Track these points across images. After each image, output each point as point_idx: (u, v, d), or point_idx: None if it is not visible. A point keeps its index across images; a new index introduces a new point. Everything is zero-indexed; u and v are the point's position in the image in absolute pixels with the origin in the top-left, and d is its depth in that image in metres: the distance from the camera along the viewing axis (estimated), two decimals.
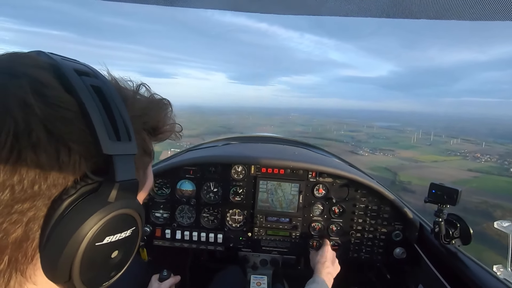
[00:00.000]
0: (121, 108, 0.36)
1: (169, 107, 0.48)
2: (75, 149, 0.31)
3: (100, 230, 0.34)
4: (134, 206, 0.38)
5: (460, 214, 1.17)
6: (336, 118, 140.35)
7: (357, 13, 0.61)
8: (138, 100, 0.43)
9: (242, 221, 1.58)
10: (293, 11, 0.66)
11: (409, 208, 1.51)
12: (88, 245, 0.33)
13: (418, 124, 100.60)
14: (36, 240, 0.32)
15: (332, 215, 1.55)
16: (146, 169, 0.46)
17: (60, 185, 0.31)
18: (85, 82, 0.34)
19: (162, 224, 1.56)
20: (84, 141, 0.32)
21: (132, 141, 0.36)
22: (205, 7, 0.65)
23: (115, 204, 0.35)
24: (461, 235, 1.21)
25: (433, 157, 48.24)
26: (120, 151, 0.34)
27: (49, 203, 0.31)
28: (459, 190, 1.15)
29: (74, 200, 0.32)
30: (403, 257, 1.50)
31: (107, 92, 0.36)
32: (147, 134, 0.43)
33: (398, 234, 1.51)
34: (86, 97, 0.33)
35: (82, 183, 0.32)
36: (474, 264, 1.14)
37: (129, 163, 0.35)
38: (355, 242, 1.55)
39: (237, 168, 1.55)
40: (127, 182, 0.35)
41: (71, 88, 0.32)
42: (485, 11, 0.51)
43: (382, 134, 70.96)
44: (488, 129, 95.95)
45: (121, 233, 0.37)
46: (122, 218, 0.37)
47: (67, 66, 0.34)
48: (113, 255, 0.37)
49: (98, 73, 0.39)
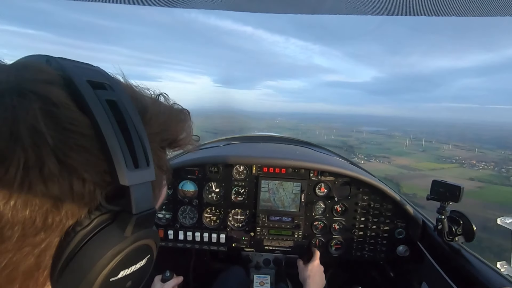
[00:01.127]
0: (139, 128, 0.33)
1: (189, 118, 0.45)
2: (89, 179, 0.29)
3: (115, 265, 0.32)
4: (150, 236, 0.36)
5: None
6: (324, 123, 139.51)
7: (357, 11, 0.61)
8: (158, 113, 0.39)
9: (244, 221, 1.58)
10: (292, 10, 0.66)
11: (411, 205, 1.51)
12: (103, 281, 0.31)
13: (404, 129, 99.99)
14: (47, 269, 0.31)
15: (335, 214, 1.55)
16: (161, 187, 0.44)
17: (74, 216, 0.30)
18: (100, 98, 0.31)
19: (165, 225, 1.56)
20: (99, 170, 0.30)
21: (151, 167, 0.33)
22: (205, 8, 0.65)
23: (132, 238, 0.33)
24: (464, 232, 1.20)
25: (430, 164, 47.65)
26: (138, 180, 0.31)
27: (62, 235, 0.30)
28: (461, 187, 1.15)
29: (88, 232, 0.30)
30: (406, 255, 1.50)
31: (124, 108, 0.33)
32: (164, 151, 0.41)
33: (401, 232, 1.51)
34: (101, 118, 0.30)
35: (96, 213, 0.31)
36: (478, 261, 1.14)
37: (147, 191, 0.33)
38: (358, 240, 1.54)
39: (239, 168, 1.55)
40: (144, 213, 0.32)
41: (85, 105, 0.30)
42: (485, 7, 0.51)
43: (373, 139, 70.21)
44: (474, 134, 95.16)
45: (136, 264, 0.36)
46: (138, 250, 0.35)
47: (81, 78, 0.31)
48: (126, 286, 0.36)
49: (114, 82, 0.36)
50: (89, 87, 0.31)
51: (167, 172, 0.43)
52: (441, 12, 0.57)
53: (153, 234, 0.37)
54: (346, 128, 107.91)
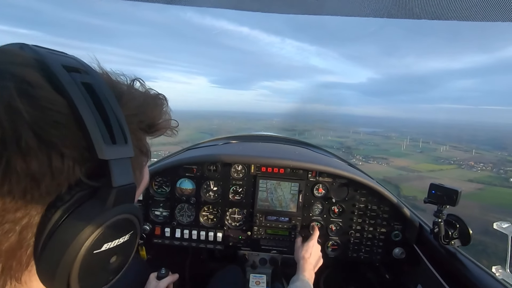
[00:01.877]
0: (116, 108, 0.34)
1: (165, 102, 0.46)
2: (68, 154, 0.29)
3: (98, 237, 0.32)
4: (132, 211, 0.37)
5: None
6: (320, 123, 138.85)
7: (358, 13, 0.61)
8: (133, 97, 0.40)
9: (241, 220, 1.58)
10: (294, 10, 0.66)
11: (408, 208, 1.51)
12: (86, 254, 0.32)
13: (400, 130, 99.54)
14: (30, 247, 0.31)
15: (332, 215, 1.55)
16: (142, 169, 0.44)
17: (54, 192, 0.30)
18: (76, 80, 0.32)
19: (162, 222, 1.56)
20: (78, 145, 0.30)
21: (129, 144, 0.34)
22: (207, 5, 0.65)
23: (113, 211, 0.33)
24: (461, 236, 1.21)
25: (428, 165, 47.10)
26: (116, 155, 0.32)
27: (43, 211, 0.30)
28: (459, 190, 1.16)
29: (69, 207, 0.31)
30: (402, 257, 1.50)
31: (100, 90, 0.34)
32: (143, 133, 0.42)
33: (398, 234, 1.52)
34: (77, 97, 0.30)
35: (77, 189, 0.31)
36: (473, 265, 1.14)
37: (126, 167, 0.34)
38: (354, 242, 1.55)
39: (237, 167, 1.55)
40: (124, 187, 0.33)
41: (61, 87, 0.30)
42: (484, 12, 0.51)
43: (370, 140, 69.48)
44: (470, 135, 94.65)
45: (119, 238, 0.36)
46: (120, 224, 0.35)
47: (55, 62, 0.32)
48: (111, 260, 0.37)
49: (89, 67, 0.37)
50: (63, 70, 0.32)
51: (147, 154, 0.44)
52: (441, 16, 0.57)
53: (135, 210, 0.38)
54: (343, 129, 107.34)
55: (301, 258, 1.31)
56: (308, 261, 1.29)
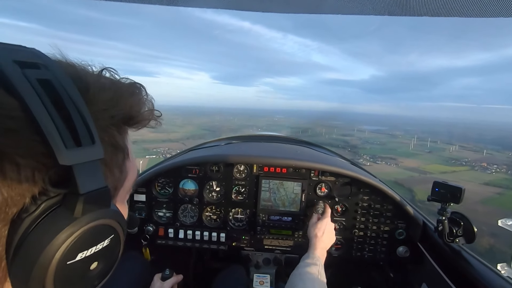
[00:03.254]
0: (80, 105, 0.31)
1: (142, 91, 0.42)
2: (24, 164, 0.27)
3: (69, 248, 0.30)
4: (108, 216, 0.34)
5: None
6: (323, 121, 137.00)
7: (359, 11, 0.61)
8: (102, 89, 0.36)
9: (244, 220, 1.58)
10: (294, 9, 0.66)
11: (412, 206, 1.50)
12: (58, 265, 0.30)
13: (404, 128, 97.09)
14: (3, 261, 0.29)
15: (335, 214, 1.55)
16: (122, 166, 0.40)
17: (17, 203, 0.28)
18: (30, 78, 0.29)
19: (165, 223, 1.57)
20: (35, 153, 0.27)
21: (97, 144, 0.31)
22: (207, 6, 0.65)
23: (83, 219, 0.31)
24: (465, 234, 1.20)
25: (439, 167, 45.21)
26: (81, 159, 0.29)
27: (8, 223, 0.28)
28: (463, 188, 1.15)
29: (36, 218, 0.29)
30: (407, 256, 1.50)
31: (60, 86, 0.31)
32: (117, 128, 0.38)
33: (402, 232, 1.51)
34: (31, 98, 0.27)
35: (43, 197, 0.29)
36: (478, 263, 1.13)
37: (94, 170, 0.31)
38: (358, 240, 1.54)
39: (240, 167, 1.55)
40: (94, 193, 0.31)
41: (11, 86, 0.27)
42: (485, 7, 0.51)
43: (375, 138, 67.71)
44: (477, 134, 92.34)
45: (96, 245, 0.34)
46: (95, 231, 0.33)
47: (6, 58, 0.29)
48: (92, 267, 0.34)
49: (49, 61, 0.33)
50: (16, 67, 0.29)
51: (124, 150, 0.40)
52: (443, 12, 0.57)
53: (113, 213, 0.35)
54: (347, 126, 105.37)
55: (314, 236, 1.29)
56: (320, 239, 1.27)
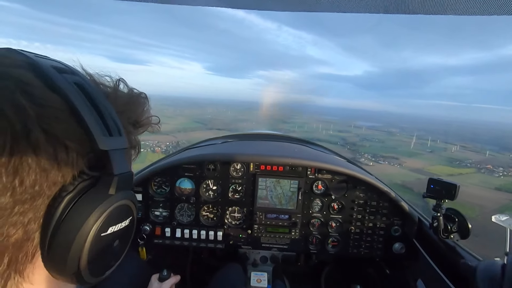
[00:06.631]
0: (107, 105, 0.37)
1: (147, 101, 0.50)
2: (71, 147, 0.32)
3: (105, 221, 0.35)
4: (131, 197, 0.40)
5: None
6: (318, 116, 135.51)
7: (355, 9, 0.60)
8: (120, 96, 0.44)
9: (241, 218, 1.59)
10: (290, 8, 0.66)
11: (407, 203, 1.52)
12: (95, 236, 0.34)
13: (399, 125, 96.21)
14: (36, 239, 0.32)
15: (331, 211, 1.56)
16: (131, 161, 0.48)
17: (59, 183, 0.32)
18: (68, 80, 0.34)
19: (162, 222, 1.56)
20: (79, 138, 0.33)
21: (123, 136, 0.38)
22: (202, 4, 0.64)
23: (116, 196, 0.36)
24: (460, 230, 1.22)
25: (445, 168, 42.88)
26: (114, 146, 0.35)
27: (48, 202, 0.32)
28: (457, 185, 1.16)
29: (74, 196, 0.33)
30: (402, 252, 1.51)
31: (90, 89, 0.36)
32: (132, 128, 0.45)
33: (397, 229, 1.52)
34: (73, 95, 0.33)
35: (79, 179, 0.33)
36: (472, 258, 1.15)
37: (122, 157, 0.37)
38: (354, 237, 1.56)
39: (236, 165, 1.55)
40: (124, 175, 0.37)
41: (55, 86, 0.32)
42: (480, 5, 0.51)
43: (373, 136, 66.31)
44: (471, 133, 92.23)
45: (122, 222, 0.39)
46: (122, 209, 0.39)
47: (45, 64, 0.34)
48: (114, 244, 0.40)
49: (76, 70, 0.39)
50: (55, 72, 0.34)
51: (136, 148, 0.47)
52: (438, 10, 0.57)
53: (133, 196, 0.41)
54: (343, 122, 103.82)
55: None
56: None
